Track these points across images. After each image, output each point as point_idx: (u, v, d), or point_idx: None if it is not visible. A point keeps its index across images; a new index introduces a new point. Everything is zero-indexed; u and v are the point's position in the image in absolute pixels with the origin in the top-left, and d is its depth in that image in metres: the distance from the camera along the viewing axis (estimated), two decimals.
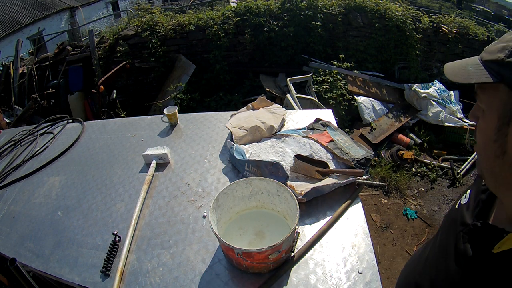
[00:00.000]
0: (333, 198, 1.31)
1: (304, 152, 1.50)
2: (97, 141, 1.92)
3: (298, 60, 4.64)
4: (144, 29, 4.54)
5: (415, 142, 4.12)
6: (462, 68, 0.56)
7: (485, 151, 0.55)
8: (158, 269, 1.14)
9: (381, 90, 4.54)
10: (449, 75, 0.58)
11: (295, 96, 3.62)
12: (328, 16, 4.64)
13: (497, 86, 0.50)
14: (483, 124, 0.54)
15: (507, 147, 0.50)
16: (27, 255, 1.28)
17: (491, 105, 0.52)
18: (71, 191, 1.57)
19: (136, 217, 1.32)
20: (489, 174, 0.55)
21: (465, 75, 0.54)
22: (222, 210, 1.18)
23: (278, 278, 1.05)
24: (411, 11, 5.00)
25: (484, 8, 10.42)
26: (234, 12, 4.61)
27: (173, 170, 1.60)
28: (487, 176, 0.57)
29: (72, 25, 11.37)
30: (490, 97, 0.52)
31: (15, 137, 2.09)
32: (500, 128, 0.50)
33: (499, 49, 0.51)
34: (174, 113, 1.89)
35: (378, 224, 3.10)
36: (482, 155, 0.56)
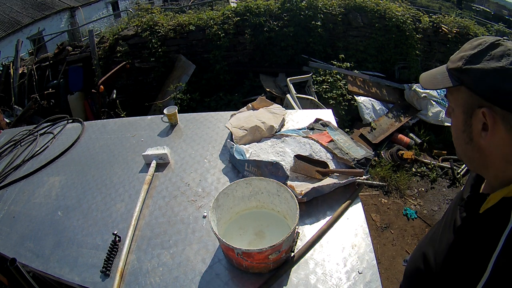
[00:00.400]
0: (333, 198, 1.31)
1: (304, 152, 1.50)
2: (97, 141, 1.92)
3: (298, 60, 4.64)
4: (144, 29, 4.54)
5: (415, 142, 4.12)
6: (432, 77, 0.70)
7: (458, 141, 0.68)
8: (158, 269, 1.14)
9: (381, 90, 4.54)
10: (423, 84, 0.73)
11: (295, 96, 3.62)
12: (328, 16, 4.64)
13: (459, 88, 0.64)
14: (454, 119, 0.68)
15: (472, 135, 0.63)
16: (27, 255, 1.28)
17: (457, 104, 0.66)
18: (71, 191, 1.57)
19: (136, 217, 1.32)
20: (465, 158, 0.69)
21: (435, 83, 0.69)
22: (222, 210, 1.18)
23: (278, 278, 1.05)
24: (411, 11, 5.00)
25: (484, 8, 10.42)
26: (234, 12, 4.61)
27: (173, 170, 1.60)
28: (464, 160, 0.70)
29: (72, 25, 11.37)
30: (456, 98, 0.66)
31: (15, 137, 2.09)
32: (465, 121, 0.64)
33: (459, 59, 0.64)
34: (174, 113, 1.89)
35: (378, 224, 3.10)
36: (457, 144, 0.69)
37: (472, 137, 0.63)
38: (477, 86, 0.60)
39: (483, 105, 0.60)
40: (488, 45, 0.61)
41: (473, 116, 0.62)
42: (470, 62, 0.62)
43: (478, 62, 0.61)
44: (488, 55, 0.60)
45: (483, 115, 0.60)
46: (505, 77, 0.58)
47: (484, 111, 0.59)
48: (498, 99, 0.58)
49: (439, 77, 0.68)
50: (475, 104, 0.61)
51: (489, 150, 0.62)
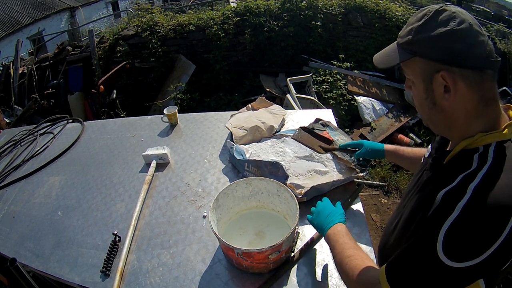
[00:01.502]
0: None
1: (304, 152, 1.50)
2: (97, 141, 1.92)
3: (298, 60, 4.64)
4: (144, 29, 4.54)
5: (415, 142, 4.12)
6: (385, 55, 0.72)
7: (422, 108, 0.70)
8: (158, 269, 1.14)
9: (381, 90, 4.54)
10: (377, 64, 0.74)
11: (295, 96, 3.62)
12: (328, 16, 4.64)
13: (414, 59, 0.66)
14: (415, 91, 0.70)
15: (435, 99, 0.66)
16: (27, 255, 1.28)
17: (416, 75, 0.68)
18: (71, 191, 1.57)
19: (136, 217, 1.32)
20: (430, 123, 0.71)
21: (389, 60, 0.70)
22: (222, 210, 1.18)
23: (278, 278, 1.05)
24: (411, 11, 5.00)
25: (484, 8, 10.42)
26: (234, 12, 4.61)
27: (173, 170, 1.60)
28: (430, 125, 0.72)
29: (72, 25, 11.37)
30: (413, 69, 0.68)
31: (15, 137, 2.08)
32: (427, 88, 0.66)
33: (407, 32, 0.67)
34: (174, 113, 1.88)
35: (378, 224, 3.10)
36: (421, 112, 0.72)
37: (436, 101, 0.66)
38: (431, 53, 0.63)
39: (440, 69, 0.62)
40: (433, 12, 0.63)
41: (433, 81, 0.64)
42: (419, 32, 0.64)
43: (427, 30, 0.63)
44: (435, 22, 0.63)
45: (442, 78, 0.62)
46: (455, 38, 0.60)
47: (443, 74, 0.62)
48: (453, 60, 0.61)
49: (392, 54, 0.70)
50: (433, 70, 0.63)
51: (452, 110, 0.65)
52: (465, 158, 0.63)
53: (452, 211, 0.56)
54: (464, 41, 0.60)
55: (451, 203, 0.57)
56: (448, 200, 0.59)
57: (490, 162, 0.60)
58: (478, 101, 0.63)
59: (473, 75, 0.61)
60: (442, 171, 0.69)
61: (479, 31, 0.61)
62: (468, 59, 0.60)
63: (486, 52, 0.61)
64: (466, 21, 0.61)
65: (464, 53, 0.60)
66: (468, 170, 0.61)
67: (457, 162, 0.65)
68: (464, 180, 0.59)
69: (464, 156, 0.64)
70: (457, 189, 0.59)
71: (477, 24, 0.62)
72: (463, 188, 0.58)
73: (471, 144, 0.64)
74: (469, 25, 0.61)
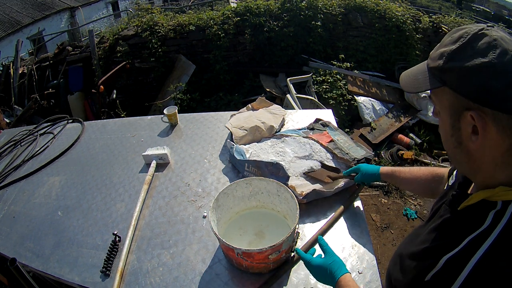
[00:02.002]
0: (333, 198, 1.31)
1: (304, 152, 1.50)
2: (97, 141, 1.92)
3: (298, 60, 4.64)
4: (144, 29, 4.54)
5: (415, 142, 4.12)
6: (413, 78, 0.64)
7: (447, 144, 0.63)
8: (158, 269, 1.14)
9: (381, 90, 4.54)
10: (404, 87, 0.66)
11: (295, 96, 3.62)
12: (328, 16, 4.64)
13: (443, 89, 0.58)
14: (440, 122, 0.63)
15: (461, 139, 0.59)
16: (27, 255, 1.28)
17: (442, 106, 0.60)
18: (71, 191, 1.57)
19: (136, 217, 1.32)
20: (454, 161, 0.65)
21: (416, 85, 0.62)
22: (222, 210, 1.18)
23: (278, 278, 1.05)
24: (411, 11, 5.00)
25: (484, 8, 10.42)
26: (234, 12, 4.61)
27: (173, 170, 1.60)
28: (453, 163, 0.67)
29: (72, 25, 11.36)
30: (440, 100, 0.60)
31: (15, 137, 2.08)
32: (453, 124, 0.59)
33: (439, 56, 0.58)
34: (174, 113, 1.88)
35: (378, 224, 3.10)
36: (446, 147, 0.65)
37: (461, 141, 0.59)
38: (462, 87, 0.54)
39: (470, 107, 0.54)
40: (470, 37, 0.54)
41: (461, 119, 0.56)
42: (452, 59, 0.55)
43: (461, 59, 0.54)
44: (471, 48, 0.54)
45: (471, 118, 0.54)
46: (493, 73, 0.51)
47: (473, 115, 0.54)
48: (487, 100, 0.52)
49: (420, 78, 0.62)
50: (462, 106, 0.56)
51: (479, 154, 0.57)
52: (480, 212, 0.57)
53: (453, 282, 0.52)
54: (504, 78, 0.51)
55: (453, 273, 0.53)
56: (450, 268, 0.54)
57: (504, 223, 0.53)
58: (507, 148, 0.54)
59: (507, 120, 0.52)
60: (455, 218, 0.62)
61: None
62: (506, 101, 0.51)
63: None
64: (510, 52, 0.51)
65: (502, 93, 0.51)
66: (478, 229, 0.54)
67: (471, 214, 0.59)
68: (470, 244, 0.53)
69: (480, 209, 0.57)
70: (461, 255, 0.53)
71: None
72: (467, 255, 0.53)
73: (491, 197, 0.57)
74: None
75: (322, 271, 0.91)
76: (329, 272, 0.88)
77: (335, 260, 0.91)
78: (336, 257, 0.92)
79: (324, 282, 0.92)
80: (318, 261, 0.93)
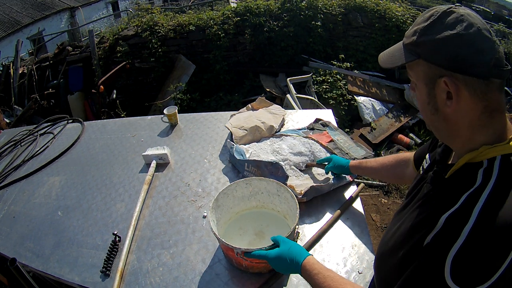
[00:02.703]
0: (333, 198, 1.31)
1: (299, 149, 1.50)
2: (97, 141, 1.92)
3: (298, 60, 4.64)
4: (144, 29, 4.54)
5: (415, 142, 4.12)
6: (390, 55, 0.71)
7: (424, 113, 0.67)
8: (158, 269, 1.14)
9: (381, 90, 4.54)
10: (382, 63, 0.72)
11: (295, 96, 3.62)
12: (328, 16, 4.64)
13: (418, 62, 0.63)
14: (418, 94, 0.67)
15: (437, 106, 0.63)
16: (27, 255, 1.28)
17: (418, 77, 0.65)
18: (71, 191, 1.57)
19: (136, 217, 1.32)
20: (433, 128, 0.68)
21: (393, 61, 0.68)
22: (222, 210, 1.18)
23: (278, 278, 1.05)
24: (411, 11, 5.00)
25: (484, 8, 10.41)
26: (234, 12, 4.61)
27: (173, 170, 1.60)
28: (433, 130, 0.69)
29: (72, 25, 11.36)
30: (416, 72, 0.65)
31: (15, 137, 2.08)
32: (429, 92, 0.63)
33: (413, 33, 0.64)
34: (174, 113, 1.89)
35: (378, 224, 3.10)
36: (424, 116, 0.69)
37: (438, 107, 0.63)
38: (435, 57, 0.60)
39: (443, 75, 0.59)
40: (440, 14, 0.60)
41: (435, 86, 0.61)
42: (424, 34, 0.61)
43: (432, 33, 0.60)
44: (441, 24, 0.60)
45: (445, 84, 0.59)
46: (461, 43, 0.57)
47: (446, 80, 0.59)
48: (458, 66, 0.58)
49: (396, 54, 0.68)
50: (436, 75, 0.61)
51: (455, 118, 0.62)
52: (469, 173, 0.60)
53: (458, 237, 0.53)
54: (470, 47, 0.57)
55: (456, 228, 0.54)
56: (452, 224, 0.55)
57: (494, 178, 0.57)
58: (482, 111, 0.59)
59: (478, 84, 0.57)
60: (444, 186, 0.65)
61: (488, 37, 0.57)
62: (474, 66, 0.57)
63: (494, 60, 0.57)
64: (475, 25, 0.58)
65: (470, 59, 0.57)
66: (471, 187, 0.57)
67: (460, 178, 0.62)
68: (467, 200, 0.56)
69: (468, 171, 0.61)
70: (460, 211, 0.55)
71: (486, 29, 0.58)
72: (467, 210, 0.55)
73: (475, 158, 0.61)
74: (478, 29, 0.57)
75: (282, 261, 0.88)
76: (290, 260, 0.86)
77: (291, 246, 0.89)
78: (292, 243, 0.90)
79: (288, 272, 0.90)
80: (275, 252, 0.90)
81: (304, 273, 0.84)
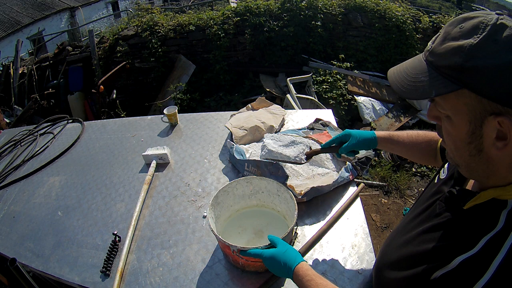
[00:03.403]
0: (333, 198, 1.31)
1: (296, 140, 1.48)
2: (97, 141, 1.92)
3: (298, 60, 4.64)
4: (144, 29, 4.55)
5: None
6: (412, 80, 0.53)
7: (458, 151, 0.55)
8: (158, 269, 1.14)
9: (381, 90, 4.54)
10: (400, 92, 0.54)
11: (295, 96, 3.62)
12: (328, 16, 4.65)
13: (459, 92, 0.49)
14: (451, 129, 0.53)
15: (483, 146, 0.51)
16: (27, 255, 1.28)
17: (458, 111, 0.51)
18: (71, 191, 1.57)
19: (136, 217, 1.32)
20: (465, 167, 0.57)
21: (421, 90, 0.51)
22: (221, 207, 1.19)
23: (278, 278, 1.05)
24: (411, 11, 5.00)
25: (484, 8, 10.43)
26: (234, 12, 4.62)
27: (173, 170, 1.60)
28: (462, 168, 0.58)
29: (72, 25, 11.37)
30: (453, 104, 0.51)
31: (15, 137, 2.09)
32: (473, 131, 0.50)
33: (451, 52, 0.48)
34: (174, 113, 1.89)
35: (378, 224, 3.10)
36: (456, 155, 0.56)
37: (482, 148, 0.51)
38: (490, 89, 0.46)
39: (499, 112, 0.46)
40: (491, 29, 0.46)
41: (483, 125, 0.49)
42: (473, 56, 0.46)
43: (485, 56, 0.45)
44: (494, 42, 0.45)
45: (499, 124, 0.47)
46: None
47: (503, 120, 0.46)
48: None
49: (424, 79, 0.51)
50: (487, 111, 0.48)
51: (499, 160, 0.51)
52: (491, 212, 0.52)
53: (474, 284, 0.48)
54: None
55: (470, 277, 0.48)
56: (466, 270, 0.49)
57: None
58: None
59: None
60: (461, 218, 0.57)
61: None
62: None
63: None
64: None
65: None
66: (492, 230, 0.50)
67: (480, 214, 0.54)
68: (487, 247, 0.49)
69: (490, 209, 0.53)
70: (478, 259, 0.49)
71: None
72: (486, 259, 0.48)
73: (501, 195, 0.52)
74: None
75: (275, 263, 0.85)
76: (283, 263, 0.83)
77: (287, 250, 0.86)
78: (289, 247, 0.87)
79: (280, 275, 0.87)
80: (270, 252, 0.87)
81: (296, 278, 0.81)
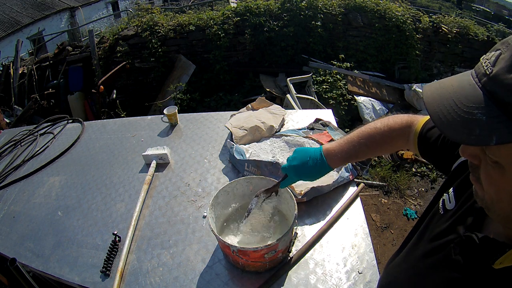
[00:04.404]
0: (333, 198, 1.31)
1: None
2: (97, 141, 1.92)
3: (298, 60, 4.65)
4: (144, 29, 4.55)
5: None
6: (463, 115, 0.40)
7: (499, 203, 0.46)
8: (158, 269, 1.14)
9: (381, 90, 4.54)
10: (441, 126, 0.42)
11: (295, 96, 3.62)
12: (328, 16, 4.65)
13: None
14: (499, 179, 0.43)
15: None
16: (27, 255, 1.28)
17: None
18: (71, 191, 1.57)
19: (136, 217, 1.32)
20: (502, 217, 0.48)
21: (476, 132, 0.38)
22: (222, 207, 1.19)
23: (278, 278, 1.05)
24: (411, 11, 5.00)
25: (484, 8, 10.42)
26: (234, 12, 4.62)
27: (173, 170, 1.60)
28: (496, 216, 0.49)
29: (72, 25, 11.37)
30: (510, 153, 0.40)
31: (15, 137, 2.09)
32: None
33: None
34: (174, 113, 1.89)
35: (378, 224, 3.10)
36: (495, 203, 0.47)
37: None
38: None
39: None
40: None
41: None
42: None
43: None
44: None
45: None
46: None
47: None
48: None
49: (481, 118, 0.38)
50: None
51: None
52: None
53: None
54: None
55: None
56: None
57: None
58: None
59: None
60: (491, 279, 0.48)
61: None
62: None
63: None
64: None
65: None
66: None
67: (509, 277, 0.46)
68: None
69: None
70: None
71: None
72: None
73: None
74: None
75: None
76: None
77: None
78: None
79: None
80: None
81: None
